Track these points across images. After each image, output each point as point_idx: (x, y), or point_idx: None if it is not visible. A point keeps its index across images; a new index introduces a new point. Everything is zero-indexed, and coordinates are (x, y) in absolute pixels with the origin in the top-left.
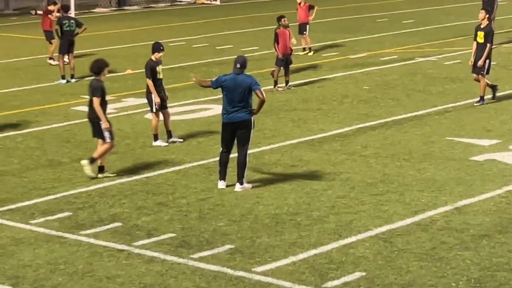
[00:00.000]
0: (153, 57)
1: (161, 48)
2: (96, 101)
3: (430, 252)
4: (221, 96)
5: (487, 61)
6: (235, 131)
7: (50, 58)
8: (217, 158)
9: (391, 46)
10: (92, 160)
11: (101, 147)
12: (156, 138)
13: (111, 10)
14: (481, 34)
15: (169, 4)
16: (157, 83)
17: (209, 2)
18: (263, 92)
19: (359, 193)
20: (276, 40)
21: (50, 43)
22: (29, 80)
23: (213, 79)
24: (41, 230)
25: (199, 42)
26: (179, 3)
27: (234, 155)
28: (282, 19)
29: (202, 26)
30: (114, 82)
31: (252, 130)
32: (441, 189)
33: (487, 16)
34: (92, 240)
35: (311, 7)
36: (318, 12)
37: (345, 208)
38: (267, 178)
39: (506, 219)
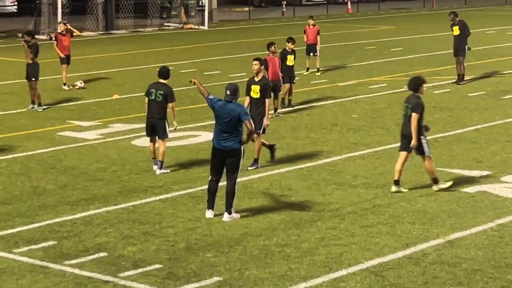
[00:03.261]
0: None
1: None
2: (416, 117)
3: (422, 287)
4: (209, 122)
5: (264, 119)
6: (224, 159)
7: (65, 84)
8: (205, 187)
9: (379, 74)
10: (397, 182)
11: (428, 164)
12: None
13: (98, 34)
14: (256, 88)
15: (156, 28)
16: None
17: (196, 27)
18: (252, 123)
19: (349, 224)
20: (266, 67)
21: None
22: (15, 104)
23: (211, 95)
24: (25, 259)
25: (186, 68)
26: (167, 27)
27: (222, 183)
28: (272, 46)
29: (189, 51)
30: (100, 107)
31: (241, 159)
32: (432, 221)
33: (263, 67)
34: (76, 271)
35: (318, 32)
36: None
37: (335, 240)
38: (256, 208)
39: (499, 254)
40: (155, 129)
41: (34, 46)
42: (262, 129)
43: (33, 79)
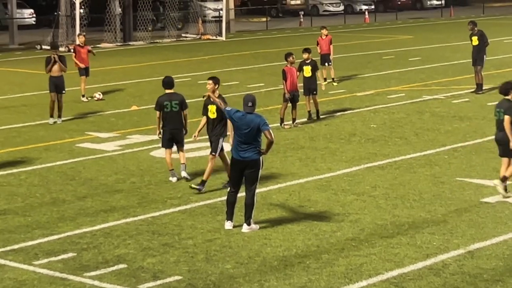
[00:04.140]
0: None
1: None
2: (509, 119)
3: None
4: (227, 134)
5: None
6: (243, 170)
7: (83, 96)
8: (224, 198)
9: (398, 83)
10: (504, 179)
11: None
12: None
13: (116, 45)
14: (212, 108)
15: (174, 39)
16: None
17: (214, 38)
18: (272, 133)
19: (369, 235)
20: (284, 77)
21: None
22: (34, 116)
23: (228, 107)
24: (45, 271)
25: (204, 78)
26: (185, 39)
27: (241, 194)
28: (290, 57)
29: (207, 62)
30: (119, 118)
31: (260, 170)
32: (452, 232)
33: (217, 86)
34: (96, 283)
35: (331, 42)
36: None
37: (355, 251)
38: (275, 219)
39: None
40: (175, 139)
41: (64, 58)
42: (219, 150)
43: (64, 91)
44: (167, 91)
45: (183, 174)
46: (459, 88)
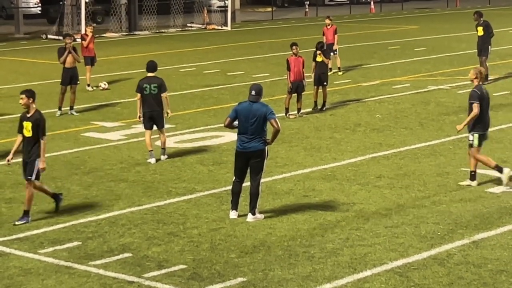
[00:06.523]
0: None
1: None
2: None
3: None
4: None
5: (38, 162)
6: (248, 160)
7: (89, 85)
8: (229, 187)
9: (403, 74)
10: None
11: None
12: None
13: (121, 35)
14: (28, 125)
15: (179, 29)
16: None
17: (219, 27)
18: (278, 122)
19: (373, 225)
20: (288, 67)
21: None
22: (39, 105)
23: (229, 116)
24: (50, 260)
25: (209, 68)
26: (190, 28)
27: (246, 184)
28: (293, 47)
29: (212, 52)
30: (124, 108)
31: (265, 160)
32: (457, 222)
33: (31, 100)
34: (101, 271)
35: (336, 31)
36: None
37: (360, 241)
38: (280, 208)
39: None
40: (155, 121)
41: (75, 49)
42: (35, 174)
43: (78, 82)
44: (149, 74)
45: (162, 158)
46: (465, 78)
